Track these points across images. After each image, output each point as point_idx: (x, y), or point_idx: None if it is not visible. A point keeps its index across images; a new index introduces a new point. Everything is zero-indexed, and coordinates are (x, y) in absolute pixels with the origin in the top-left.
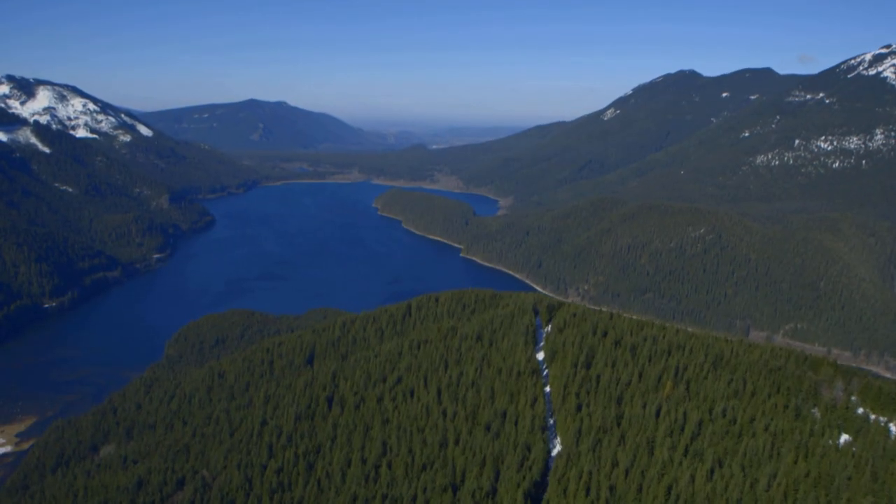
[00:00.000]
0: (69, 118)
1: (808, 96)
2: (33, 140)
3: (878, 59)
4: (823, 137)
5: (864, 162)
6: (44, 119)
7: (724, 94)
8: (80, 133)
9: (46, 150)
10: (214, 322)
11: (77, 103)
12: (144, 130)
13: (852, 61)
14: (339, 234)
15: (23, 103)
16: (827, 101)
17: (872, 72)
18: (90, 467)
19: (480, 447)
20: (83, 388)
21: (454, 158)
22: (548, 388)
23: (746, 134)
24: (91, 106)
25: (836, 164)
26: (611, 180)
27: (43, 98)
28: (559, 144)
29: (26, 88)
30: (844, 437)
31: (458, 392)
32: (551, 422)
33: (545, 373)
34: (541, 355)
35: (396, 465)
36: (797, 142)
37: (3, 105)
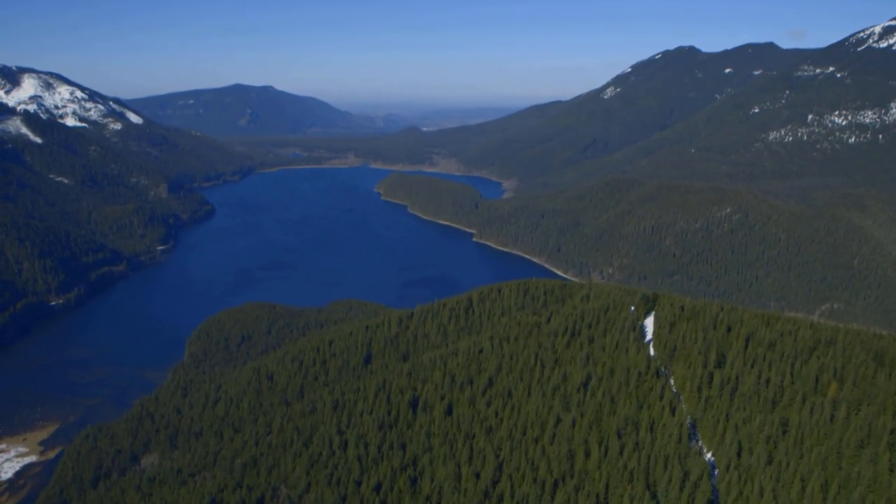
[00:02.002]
0: (56, 107)
1: (818, 70)
2: (24, 130)
3: (889, 31)
4: (837, 112)
5: (880, 136)
6: (31, 108)
7: (727, 70)
8: (69, 122)
9: (38, 140)
10: (235, 317)
11: (64, 91)
12: (134, 118)
13: (861, 34)
14: (344, 220)
15: (7, 92)
16: (838, 76)
17: (883, 44)
18: (138, 481)
19: (620, 460)
20: (103, 391)
21: (450, 140)
22: (673, 390)
23: (756, 110)
24: (78, 94)
25: (852, 140)
26: (618, 160)
27: (28, 86)
28: (559, 124)
29: (10, 77)
30: None
31: (567, 396)
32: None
33: (662, 372)
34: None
35: (519, 480)
36: (810, 117)
37: None
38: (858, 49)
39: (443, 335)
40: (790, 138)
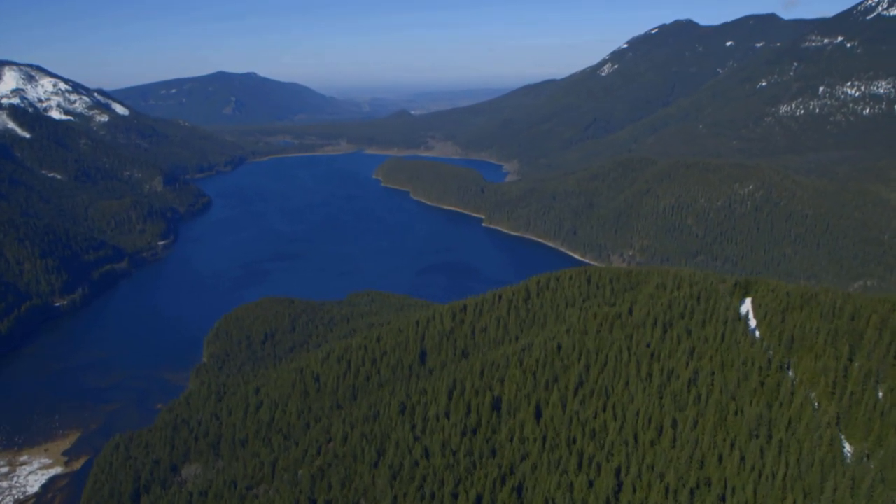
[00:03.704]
0: (40, 99)
1: (826, 41)
2: (11, 125)
3: None
4: (849, 83)
5: None
6: (14, 101)
7: (729, 43)
8: (55, 115)
9: (26, 134)
10: (253, 313)
11: (47, 83)
12: (120, 109)
13: (869, 2)
14: (347, 207)
15: None
16: (848, 45)
17: (893, 12)
18: (188, 495)
19: (762, 465)
20: (122, 395)
21: (444, 123)
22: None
23: (763, 83)
24: (62, 85)
25: (867, 111)
26: (622, 138)
27: (9, 79)
28: (557, 104)
29: None
30: None
31: (677, 394)
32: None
33: (784, 366)
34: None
35: (645, 489)
36: (821, 89)
37: None
38: (867, 18)
39: (503, 329)
40: (802, 111)
